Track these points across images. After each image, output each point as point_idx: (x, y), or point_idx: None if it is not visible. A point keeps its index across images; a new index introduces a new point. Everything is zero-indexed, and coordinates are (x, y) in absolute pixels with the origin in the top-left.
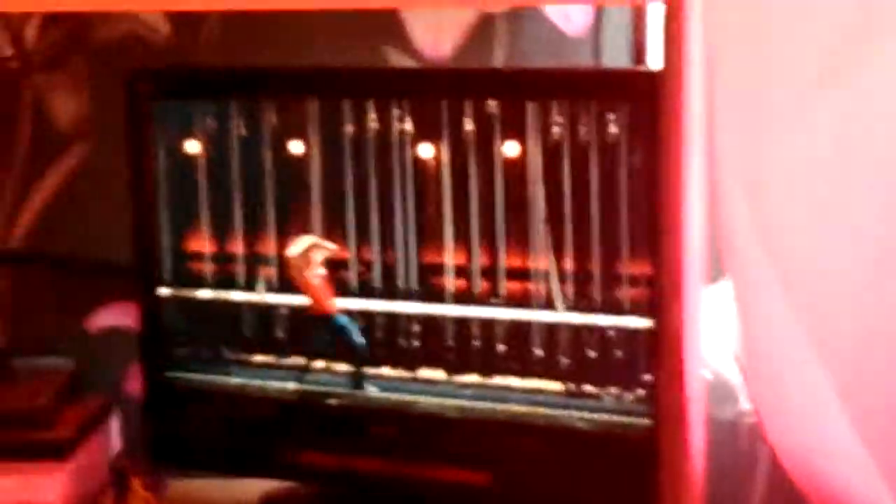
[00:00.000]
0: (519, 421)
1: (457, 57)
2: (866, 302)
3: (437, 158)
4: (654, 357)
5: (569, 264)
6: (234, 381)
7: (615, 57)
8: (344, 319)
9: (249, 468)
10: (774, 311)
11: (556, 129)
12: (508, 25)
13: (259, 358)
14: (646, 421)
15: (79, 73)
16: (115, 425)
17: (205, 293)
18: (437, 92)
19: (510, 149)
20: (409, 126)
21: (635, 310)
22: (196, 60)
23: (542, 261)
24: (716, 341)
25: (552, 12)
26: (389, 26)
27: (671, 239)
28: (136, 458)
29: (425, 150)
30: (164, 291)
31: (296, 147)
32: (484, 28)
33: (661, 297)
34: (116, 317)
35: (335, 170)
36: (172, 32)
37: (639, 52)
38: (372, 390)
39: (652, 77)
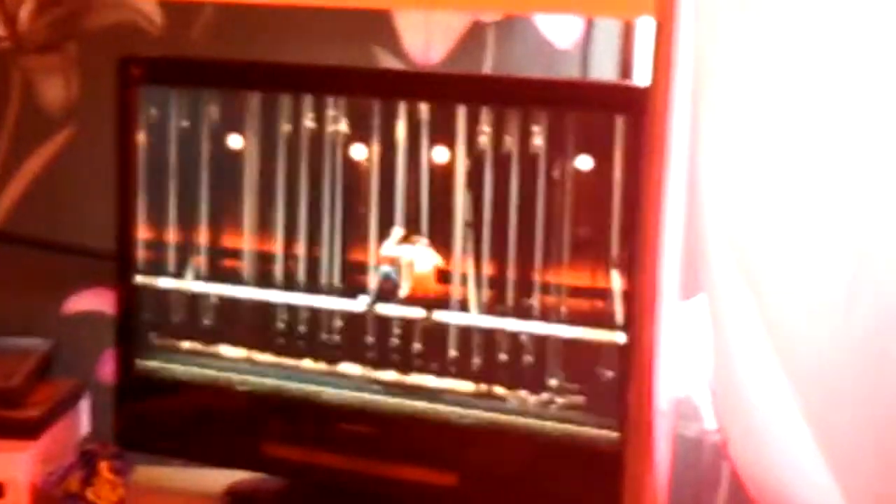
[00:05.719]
0: (487, 426)
1: (446, 63)
2: (838, 321)
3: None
4: (626, 370)
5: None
6: (205, 371)
7: (603, 71)
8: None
9: (216, 458)
10: (745, 329)
11: (536, 140)
12: (499, 35)
13: (230, 351)
14: (613, 433)
15: (70, 58)
16: (85, 408)
17: (180, 283)
18: (428, 95)
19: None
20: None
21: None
22: (188, 51)
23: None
24: (686, 357)
25: (543, 24)
26: (382, 29)
27: (648, 254)
28: (104, 442)
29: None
30: (140, 279)
31: (280, 140)
32: (474, 37)
33: (634, 311)
34: (93, 301)
35: (313, 166)
36: (166, 23)
37: (626, 67)
38: (341, 387)
39: (638, 92)
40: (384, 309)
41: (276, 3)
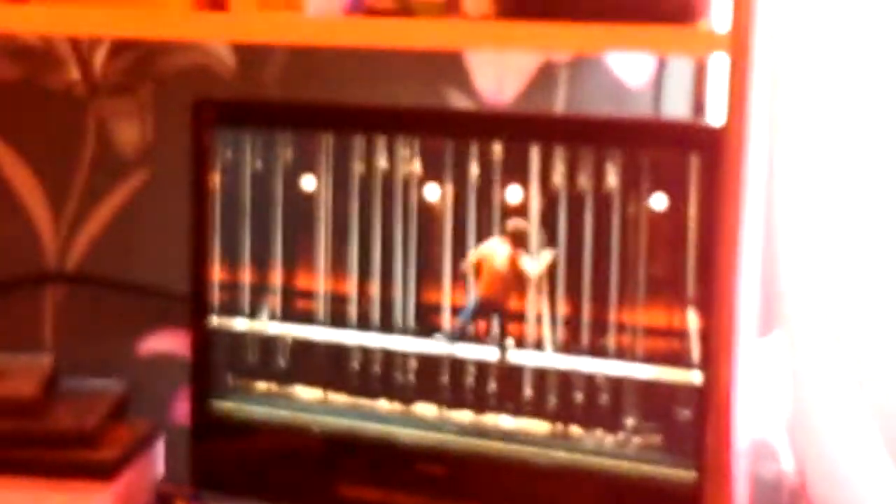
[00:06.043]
0: (563, 466)
1: (518, 103)
2: None
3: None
4: (703, 410)
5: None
6: (281, 412)
7: (675, 109)
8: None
9: (292, 499)
10: (823, 366)
11: (610, 179)
12: (570, 75)
13: (305, 391)
14: (691, 473)
15: (144, 101)
16: (160, 449)
17: (255, 324)
18: (498, 135)
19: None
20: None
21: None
22: (260, 93)
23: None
24: (764, 397)
25: (614, 63)
26: (453, 69)
27: (724, 292)
28: (179, 483)
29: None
30: (214, 320)
31: (353, 181)
32: (546, 76)
33: (711, 350)
34: (167, 342)
35: (386, 206)
36: (238, 65)
37: (699, 105)
38: (417, 428)
39: (712, 130)
40: (459, 349)
41: (347, 44)
